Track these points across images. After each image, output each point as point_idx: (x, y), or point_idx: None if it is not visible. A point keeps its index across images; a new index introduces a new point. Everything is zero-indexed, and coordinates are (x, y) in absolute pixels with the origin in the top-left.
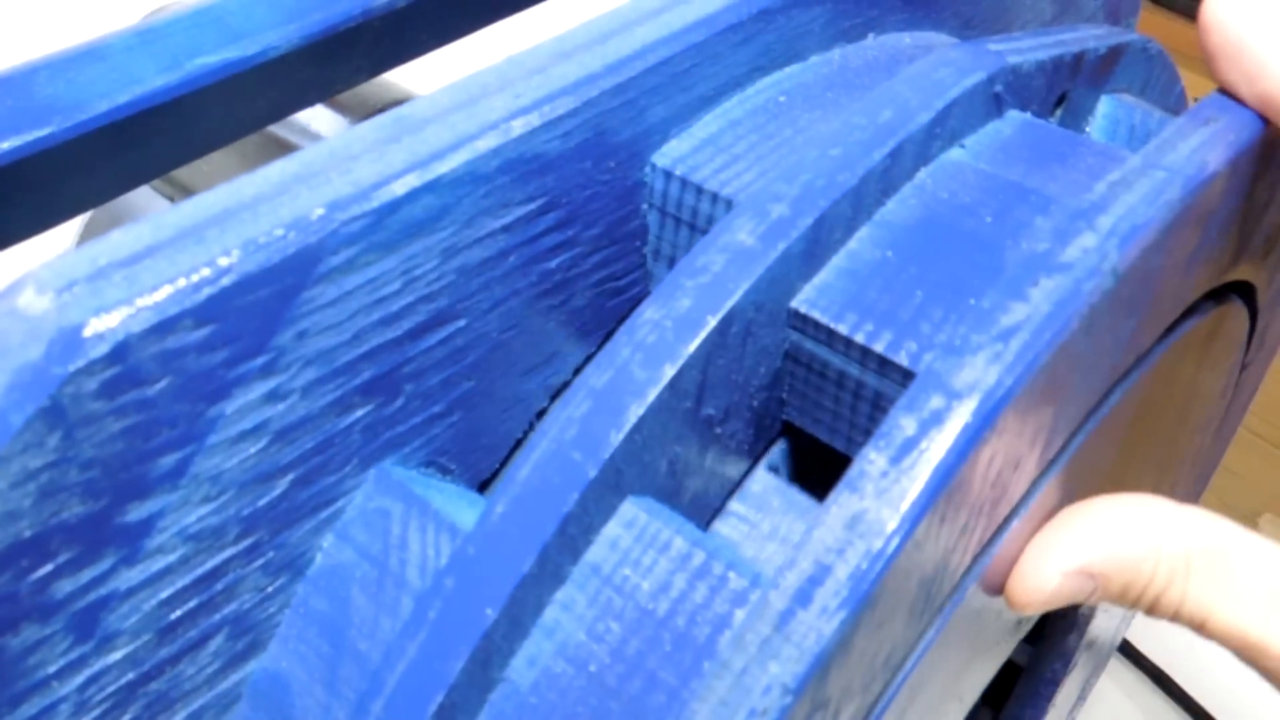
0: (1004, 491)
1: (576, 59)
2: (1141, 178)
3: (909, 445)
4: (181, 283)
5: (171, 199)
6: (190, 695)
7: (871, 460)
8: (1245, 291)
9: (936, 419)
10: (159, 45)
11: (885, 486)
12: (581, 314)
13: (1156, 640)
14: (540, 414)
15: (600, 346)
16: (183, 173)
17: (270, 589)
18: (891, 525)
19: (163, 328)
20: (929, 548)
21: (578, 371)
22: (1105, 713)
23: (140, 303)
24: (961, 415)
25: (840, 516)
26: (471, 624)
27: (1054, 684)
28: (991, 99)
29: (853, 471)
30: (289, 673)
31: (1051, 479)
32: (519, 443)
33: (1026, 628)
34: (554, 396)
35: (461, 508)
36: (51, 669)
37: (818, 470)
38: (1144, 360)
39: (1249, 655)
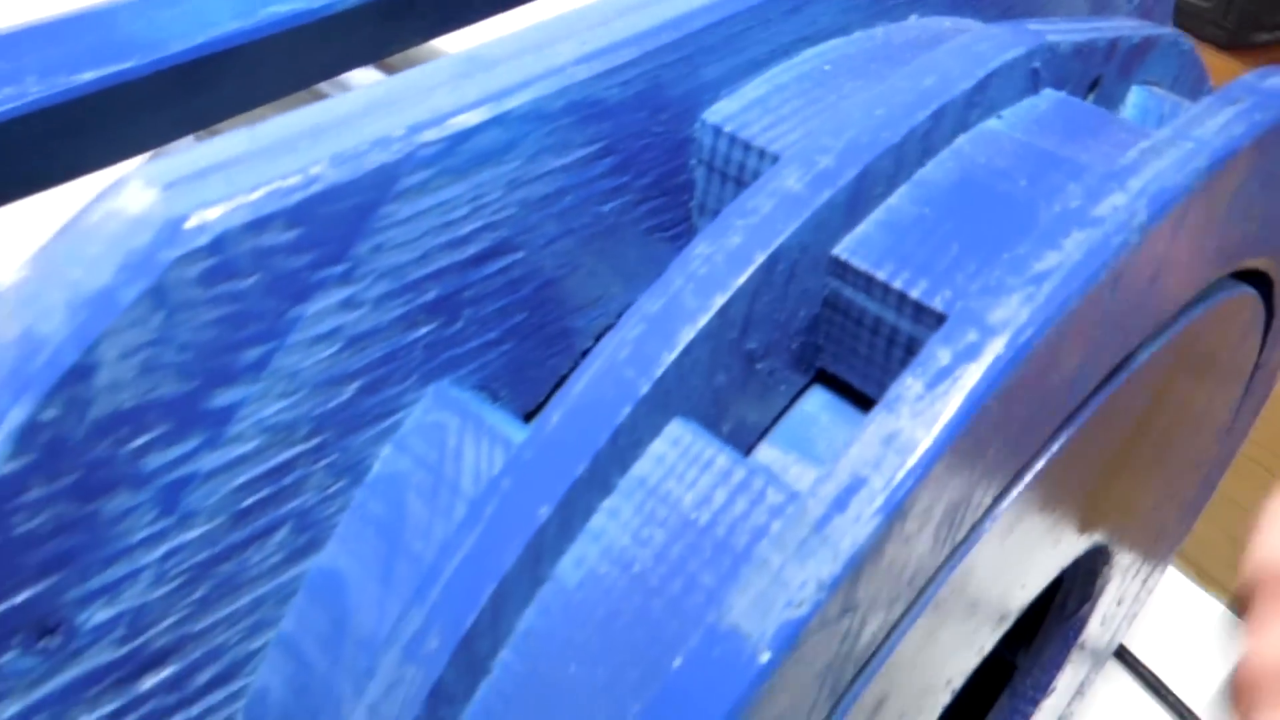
0: (1029, 433)
1: (639, 14)
2: (1171, 146)
3: (944, 373)
4: (276, 185)
5: None
6: (254, 582)
7: (908, 385)
8: (1263, 284)
9: (971, 351)
10: None
11: (920, 409)
12: (629, 260)
13: (1150, 645)
14: (585, 354)
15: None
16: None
17: (332, 490)
18: (925, 444)
19: (257, 225)
20: (958, 472)
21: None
22: (1096, 714)
23: (238, 200)
24: (994, 348)
25: (877, 434)
26: (525, 521)
27: (1034, 702)
28: (1029, 74)
29: (890, 394)
30: (345, 570)
31: (1074, 431)
32: (563, 379)
33: (1010, 620)
34: (598, 339)
35: (513, 428)
36: (138, 537)
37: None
38: (1166, 329)
39: None
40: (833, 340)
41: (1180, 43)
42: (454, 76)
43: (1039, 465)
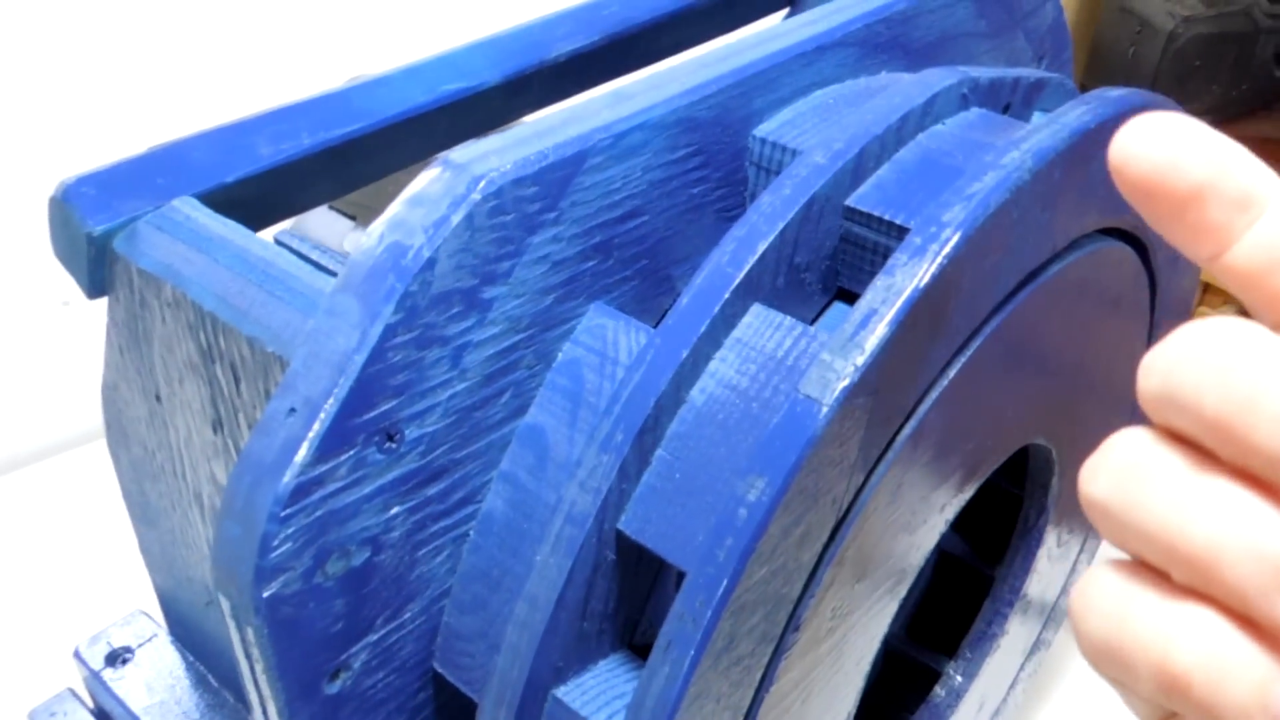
0: (979, 300)
1: (714, 66)
2: (1047, 126)
3: (919, 250)
4: (526, 160)
5: (353, 218)
6: (489, 430)
7: (898, 258)
8: (1141, 250)
9: (934, 236)
10: (420, 77)
11: (906, 271)
12: (706, 230)
13: None
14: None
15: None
16: (362, 196)
17: (535, 368)
18: (909, 290)
19: (517, 182)
20: (934, 315)
21: None
22: (1072, 673)
23: (509, 167)
24: (946, 234)
25: (880, 286)
26: (672, 360)
27: (1010, 604)
28: (961, 97)
29: (887, 266)
30: (543, 422)
31: (1012, 310)
32: (665, 313)
33: (984, 471)
34: None
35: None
36: (438, 381)
37: None
38: (1066, 254)
39: None
40: (847, 264)
41: (1065, 84)
42: (613, 103)
43: (990, 328)
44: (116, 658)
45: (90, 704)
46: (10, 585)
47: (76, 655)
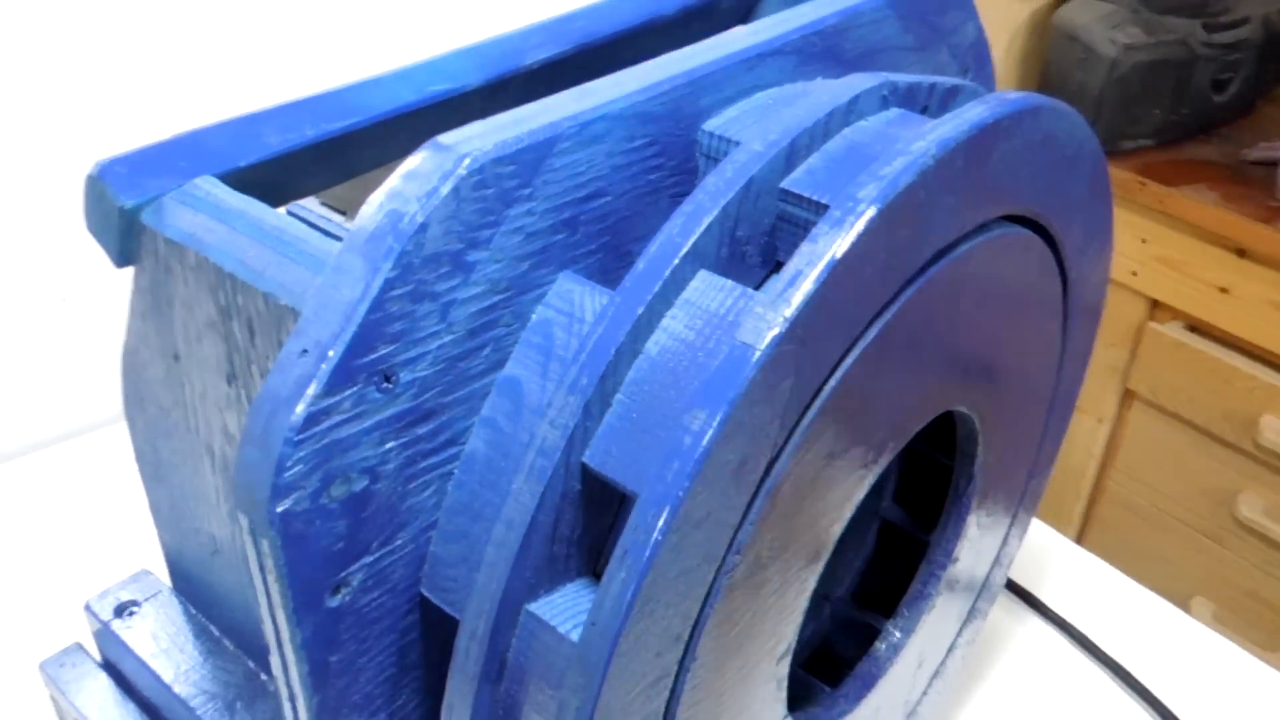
0: (893, 269)
1: (667, 68)
2: (951, 120)
3: (838, 221)
4: (505, 141)
5: (343, 211)
6: (472, 380)
7: (820, 228)
8: (1048, 237)
9: (851, 209)
10: (409, 79)
11: (828, 239)
12: (662, 212)
13: (1060, 593)
14: None
15: None
16: (347, 191)
17: (511, 327)
18: (829, 255)
19: (497, 160)
20: (853, 278)
21: None
22: (1013, 653)
23: (490, 147)
24: (862, 207)
25: (805, 252)
26: (629, 316)
27: (943, 567)
28: (882, 98)
29: (811, 234)
30: (519, 375)
31: (923, 284)
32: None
33: (901, 439)
34: None
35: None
36: (428, 331)
37: None
38: (975, 235)
39: None
40: (783, 239)
41: (979, 90)
42: (579, 97)
43: (905, 296)
44: (124, 610)
45: (97, 657)
46: (14, 563)
47: (87, 608)
